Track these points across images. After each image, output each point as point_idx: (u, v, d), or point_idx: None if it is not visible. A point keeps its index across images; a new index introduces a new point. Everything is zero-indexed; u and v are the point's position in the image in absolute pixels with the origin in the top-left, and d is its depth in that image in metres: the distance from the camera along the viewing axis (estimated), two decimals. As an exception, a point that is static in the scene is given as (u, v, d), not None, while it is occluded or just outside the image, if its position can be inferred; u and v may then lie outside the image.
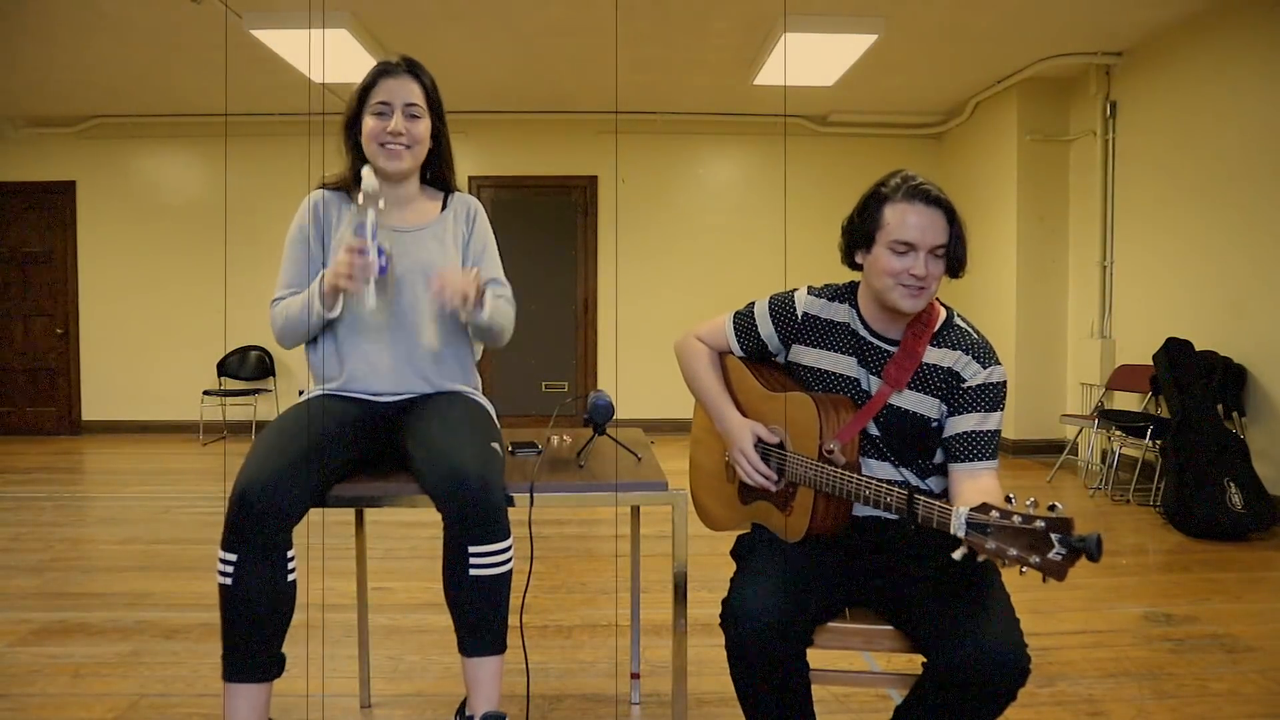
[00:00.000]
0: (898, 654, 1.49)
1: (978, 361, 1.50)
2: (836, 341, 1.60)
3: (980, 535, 1.17)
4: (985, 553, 1.16)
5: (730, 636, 1.41)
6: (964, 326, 1.55)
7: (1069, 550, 1.09)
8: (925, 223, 1.45)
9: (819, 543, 1.50)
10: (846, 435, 1.48)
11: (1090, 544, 1.08)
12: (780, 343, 1.68)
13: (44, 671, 2.34)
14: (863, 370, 1.57)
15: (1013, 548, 1.14)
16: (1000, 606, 1.36)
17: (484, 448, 1.56)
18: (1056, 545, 1.10)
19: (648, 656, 2.42)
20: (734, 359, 1.75)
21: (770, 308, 1.69)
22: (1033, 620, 2.69)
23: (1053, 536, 1.10)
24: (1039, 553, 1.11)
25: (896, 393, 1.52)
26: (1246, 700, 2.18)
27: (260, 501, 1.42)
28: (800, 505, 1.50)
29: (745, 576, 1.46)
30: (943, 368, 1.51)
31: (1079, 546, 1.08)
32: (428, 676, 2.32)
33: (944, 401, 1.51)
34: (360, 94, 1.73)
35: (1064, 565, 1.09)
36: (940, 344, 1.52)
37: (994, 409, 1.49)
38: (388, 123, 1.70)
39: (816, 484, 1.45)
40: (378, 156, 1.72)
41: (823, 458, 1.46)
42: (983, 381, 1.49)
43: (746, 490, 1.66)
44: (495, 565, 1.49)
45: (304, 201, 1.80)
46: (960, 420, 1.49)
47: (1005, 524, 1.15)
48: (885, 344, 1.56)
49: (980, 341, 1.53)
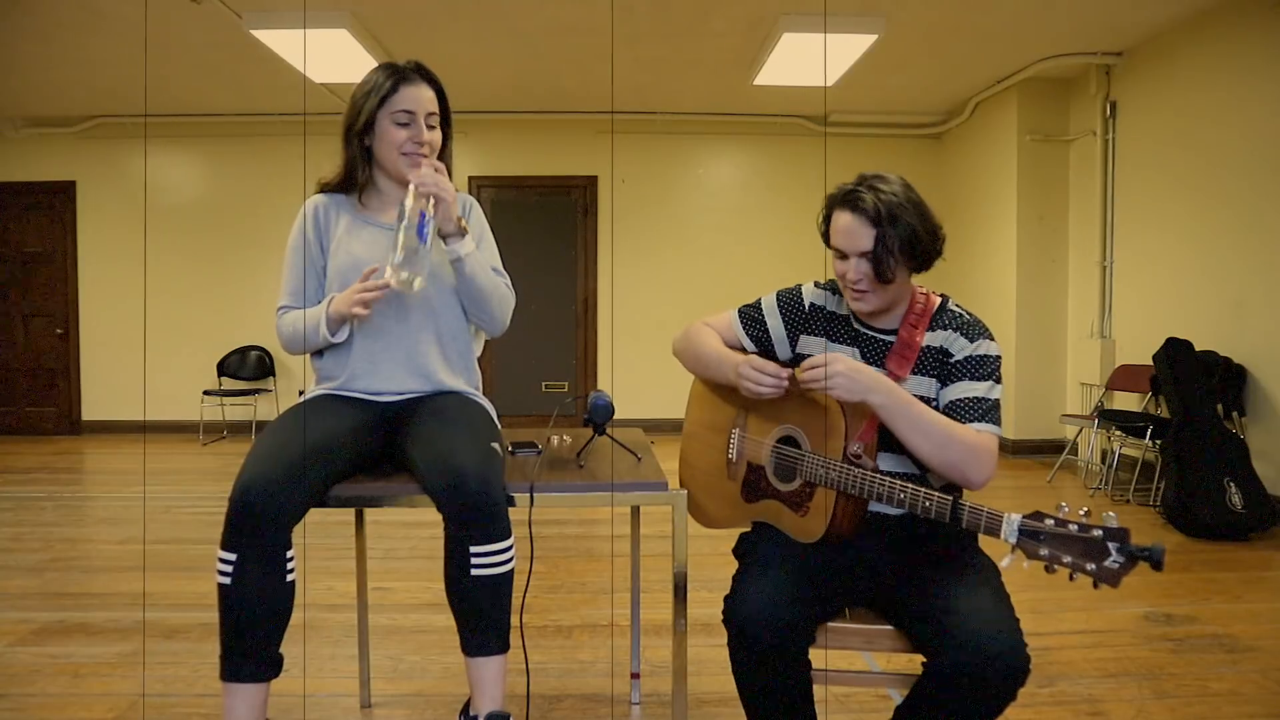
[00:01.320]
0: (898, 654, 1.49)
1: (965, 337, 1.53)
2: (840, 333, 1.64)
3: (1033, 542, 1.23)
4: (1036, 559, 1.22)
5: (733, 634, 1.41)
6: (956, 310, 1.59)
7: (1127, 558, 1.16)
8: (848, 229, 1.52)
9: (825, 542, 1.50)
10: (868, 435, 1.48)
11: (1156, 554, 1.15)
12: (787, 335, 1.70)
13: (44, 671, 2.34)
14: (865, 362, 1.58)
15: (1067, 554, 1.20)
16: (1000, 607, 1.36)
17: (484, 448, 1.56)
18: (1114, 554, 1.16)
19: (648, 656, 2.42)
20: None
21: (778, 300, 1.72)
22: (1033, 620, 2.69)
23: (1110, 545, 1.16)
24: (1094, 560, 1.17)
25: (900, 382, 1.53)
26: (1247, 700, 2.18)
27: (260, 501, 1.42)
28: (817, 506, 1.49)
29: (748, 574, 1.46)
30: (934, 348, 1.55)
31: (1141, 555, 1.16)
32: (428, 676, 2.32)
33: (937, 380, 1.54)
34: (379, 100, 1.70)
35: (1120, 573, 1.16)
36: (935, 327, 1.56)
37: (983, 378, 1.50)
38: (414, 133, 1.71)
39: (840, 485, 1.45)
40: (399, 164, 1.73)
41: (848, 459, 1.46)
42: (969, 354, 1.52)
43: (751, 489, 1.66)
44: (497, 565, 1.49)
45: (303, 207, 1.80)
46: (949, 390, 1.52)
47: (1061, 531, 1.21)
48: (883, 335, 1.59)
49: (970, 320, 1.56)
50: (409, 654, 2.46)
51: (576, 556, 3.46)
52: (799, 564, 1.47)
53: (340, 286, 1.72)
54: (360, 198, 1.81)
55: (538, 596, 2.92)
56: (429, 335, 1.75)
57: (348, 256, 1.74)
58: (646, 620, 2.54)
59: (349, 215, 1.78)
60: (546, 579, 3.14)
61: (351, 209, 1.79)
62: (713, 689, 2.20)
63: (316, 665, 2.37)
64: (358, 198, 1.81)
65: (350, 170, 1.78)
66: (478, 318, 1.80)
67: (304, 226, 1.77)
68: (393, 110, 1.71)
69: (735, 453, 1.71)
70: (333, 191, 1.81)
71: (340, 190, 1.80)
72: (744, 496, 1.68)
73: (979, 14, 4.62)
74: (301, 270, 1.76)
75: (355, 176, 1.78)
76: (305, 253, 1.77)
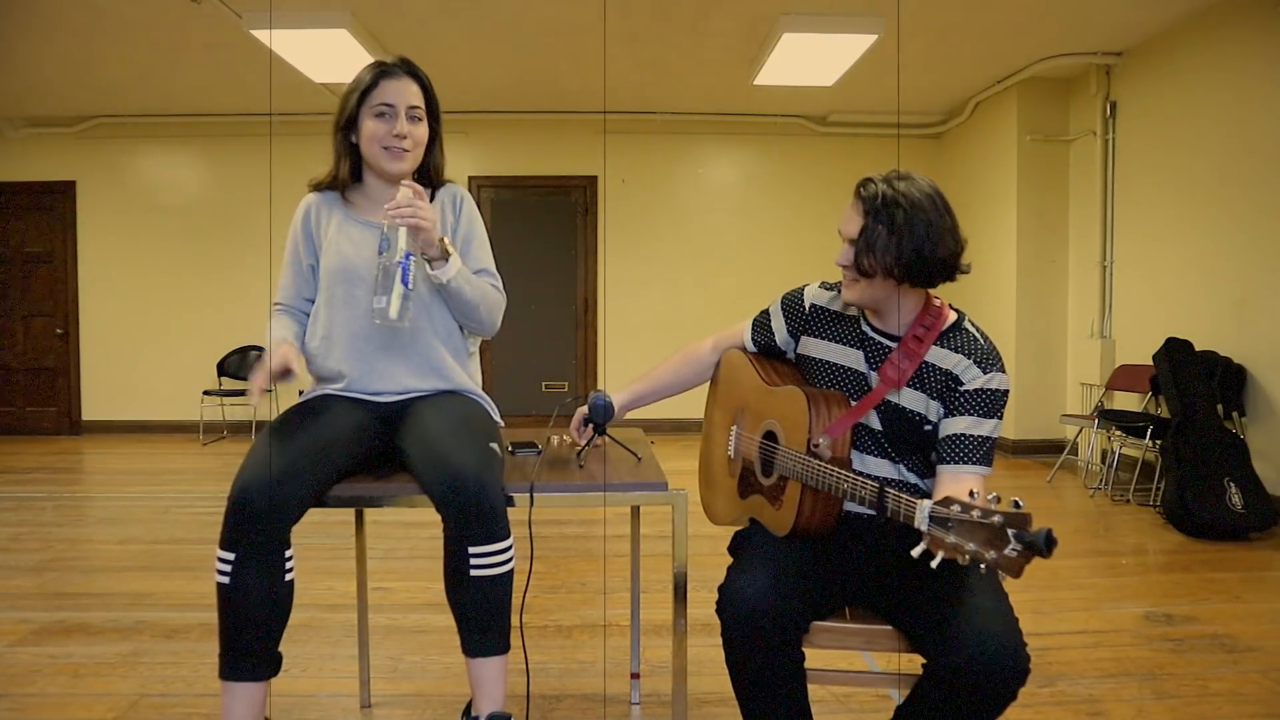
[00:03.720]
0: (898, 654, 1.49)
1: (978, 366, 1.48)
2: (845, 335, 1.62)
3: (942, 529, 1.15)
4: (944, 548, 1.14)
5: (725, 622, 1.42)
6: (972, 332, 1.53)
7: (1024, 546, 1.06)
8: (847, 212, 1.52)
9: (809, 538, 1.50)
10: (837, 430, 1.47)
11: (1039, 540, 1.04)
12: (789, 335, 1.70)
13: (44, 671, 2.33)
14: (868, 366, 1.57)
15: (971, 542, 1.11)
16: (999, 606, 1.36)
17: (482, 449, 1.56)
18: (1013, 541, 1.07)
19: (648, 656, 2.42)
20: (737, 356, 1.76)
21: (783, 302, 1.73)
22: (1033, 620, 2.69)
23: (1009, 532, 1.07)
24: (996, 549, 1.08)
25: (895, 390, 1.52)
26: (1247, 700, 2.18)
27: (259, 501, 1.42)
28: (789, 499, 1.50)
29: (742, 566, 1.47)
30: (942, 369, 1.50)
31: (1030, 541, 1.04)
32: (428, 676, 2.32)
33: (941, 403, 1.50)
34: (359, 95, 1.70)
35: (1020, 562, 1.07)
36: (944, 345, 1.51)
37: (989, 415, 1.47)
38: (391, 125, 1.70)
39: (803, 478, 1.45)
40: (380, 159, 1.72)
41: (810, 451, 1.46)
42: (980, 387, 1.47)
43: (745, 484, 1.67)
44: (496, 565, 1.49)
45: (297, 209, 1.81)
46: (953, 422, 1.48)
47: (965, 518, 1.13)
48: (889, 340, 1.57)
49: (986, 347, 1.51)
50: (409, 654, 2.46)
51: (576, 556, 3.46)
52: (792, 559, 1.47)
53: (331, 287, 1.73)
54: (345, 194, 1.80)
55: (538, 596, 2.92)
56: (426, 334, 1.75)
57: (338, 257, 1.73)
58: (646, 620, 2.54)
59: (340, 213, 1.78)
60: (546, 579, 3.14)
61: (342, 207, 1.79)
62: (713, 689, 2.20)
63: (316, 665, 2.37)
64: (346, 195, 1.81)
65: (338, 168, 1.78)
66: (466, 324, 1.79)
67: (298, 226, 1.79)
68: (373, 104, 1.70)
69: (734, 450, 1.74)
70: (324, 190, 1.81)
71: (331, 188, 1.81)
72: (739, 492, 1.70)
73: (979, 14, 4.62)
74: (292, 271, 1.80)
75: (342, 174, 1.78)
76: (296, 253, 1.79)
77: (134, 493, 4.80)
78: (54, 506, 4.48)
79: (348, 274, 1.71)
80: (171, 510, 4.34)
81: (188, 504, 4.49)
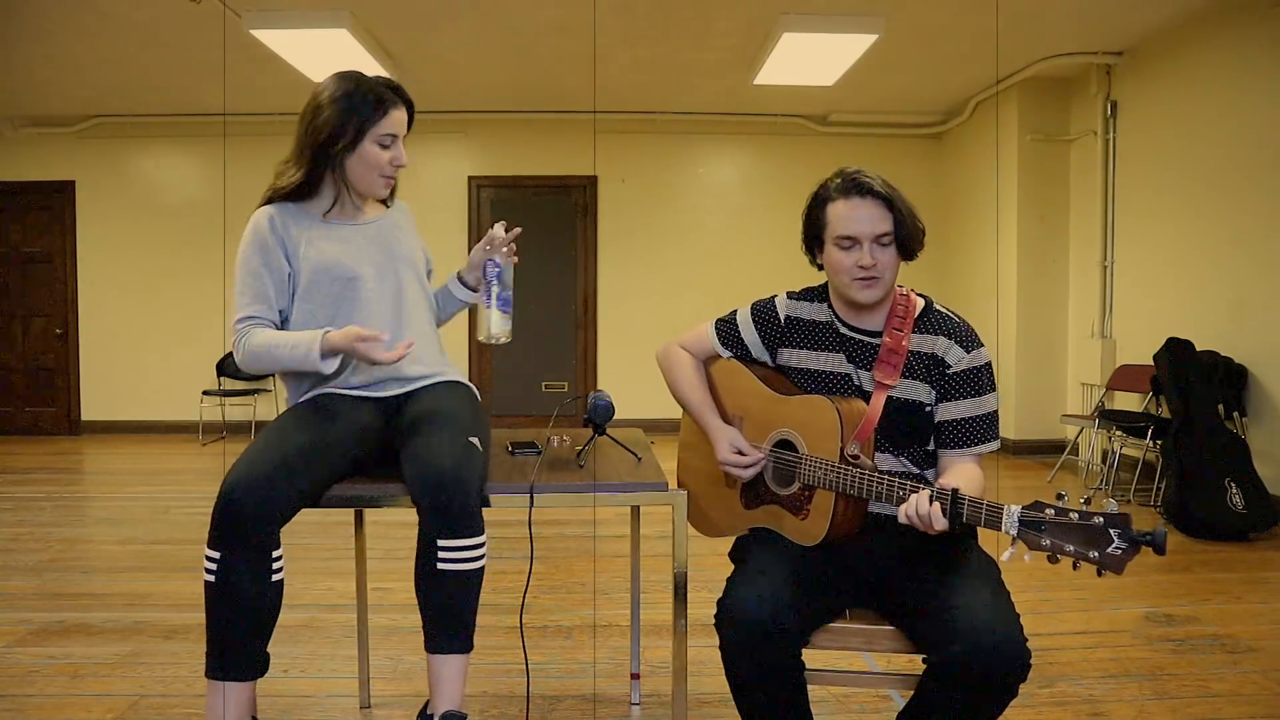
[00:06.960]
0: (898, 654, 1.49)
1: (960, 346, 1.52)
2: (823, 340, 1.63)
3: (1034, 533, 1.22)
4: (1039, 550, 1.21)
5: (724, 637, 1.41)
6: (944, 312, 1.58)
7: (1130, 544, 1.16)
8: (863, 214, 1.51)
9: (827, 544, 1.50)
10: (863, 435, 1.48)
11: (1159, 537, 1.14)
12: (765, 348, 1.70)
13: (43, 672, 2.33)
14: (852, 365, 1.58)
15: (1069, 543, 1.19)
16: (999, 601, 1.36)
17: (462, 444, 1.55)
18: (1116, 540, 1.16)
19: (648, 657, 2.42)
20: (733, 364, 1.74)
21: (753, 314, 1.71)
22: (1033, 620, 2.68)
23: (1111, 531, 1.16)
24: (1097, 548, 1.17)
25: (891, 389, 1.53)
26: (1247, 701, 2.18)
27: (246, 501, 1.42)
28: (818, 508, 1.49)
29: (741, 577, 1.46)
30: (925, 353, 1.53)
31: (1143, 540, 1.15)
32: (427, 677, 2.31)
33: (931, 386, 1.53)
34: (359, 122, 1.67)
35: (1124, 559, 1.16)
36: (921, 330, 1.55)
37: (986, 391, 1.52)
38: (395, 155, 1.73)
39: (839, 486, 1.44)
40: (375, 185, 1.74)
41: (845, 460, 1.45)
42: (968, 366, 1.51)
43: (751, 494, 1.65)
44: (465, 561, 1.48)
45: (255, 219, 1.72)
46: (953, 407, 1.51)
47: (1062, 520, 1.20)
48: (867, 336, 1.58)
49: (962, 325, 1.55)
50: (408, 654, 2.45)
51: (576, 556, 3.46)
52: (794, 567, 1.46)
53: (321, 285, 1.70)
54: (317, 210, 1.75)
55: (538, 597, 2.91)
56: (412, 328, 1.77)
57: (320, 255, 1.70)
58: (646, 620, 2.54)
59: (306, 219, 1.73)
60: (546, 579, 3.14)
61: (308, 218, 1.74)
62: (713, 689, 2.19)
63: (316, 665, 2.36)
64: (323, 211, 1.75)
65: (316, 183, 1.72)
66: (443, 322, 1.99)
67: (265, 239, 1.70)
68: (379, 134, 1.70)
69: None
70: (283, 201, 1.73)
71: (293, 199, 1.73)
72: (744, 503, 1.68)
73: (979, 14, 4.62)
74: (265, 279, 1.69)
75: (319, 190, 1.73)
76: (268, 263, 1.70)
77: (133, 493, 4.80)
78: (53, 507, 4.48)
79: (342, 271, 1.71)
80: (171, 510, 4.34)
81: (187, 504, 4.48)
